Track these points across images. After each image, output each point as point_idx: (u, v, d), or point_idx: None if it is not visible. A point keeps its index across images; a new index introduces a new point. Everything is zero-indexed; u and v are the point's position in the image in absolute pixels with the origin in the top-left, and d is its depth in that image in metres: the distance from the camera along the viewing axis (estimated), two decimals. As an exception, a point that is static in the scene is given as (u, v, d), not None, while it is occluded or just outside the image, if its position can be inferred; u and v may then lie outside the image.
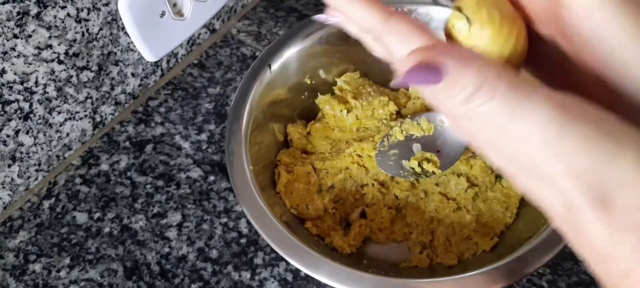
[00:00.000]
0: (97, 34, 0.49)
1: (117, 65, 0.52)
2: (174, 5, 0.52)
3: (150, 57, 0.53)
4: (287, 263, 0.46)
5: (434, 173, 0.46)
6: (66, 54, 0.47)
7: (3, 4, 0.41)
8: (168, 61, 0.58)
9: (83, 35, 0.48)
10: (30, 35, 0.44)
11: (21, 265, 0.47)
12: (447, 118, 0.22)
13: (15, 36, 0.43)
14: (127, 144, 0.54)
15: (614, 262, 0.20)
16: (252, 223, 0.41)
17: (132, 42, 0.52)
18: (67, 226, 0.50)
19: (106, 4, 0.48)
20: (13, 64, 0.44)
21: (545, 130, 0.19)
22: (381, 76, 0.54)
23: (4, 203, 0.49)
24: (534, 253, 0.39)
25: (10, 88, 0.44)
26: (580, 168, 0.19)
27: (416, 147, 0.47)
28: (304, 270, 0.40)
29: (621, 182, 0.19)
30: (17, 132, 0.47)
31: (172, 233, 0.49)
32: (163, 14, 0.51)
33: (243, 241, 0.48)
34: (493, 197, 0.47)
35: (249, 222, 0.49)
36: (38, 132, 0.48)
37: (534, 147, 0.20)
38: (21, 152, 0.48)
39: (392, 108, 0.51)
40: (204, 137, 0.55)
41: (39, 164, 0.50)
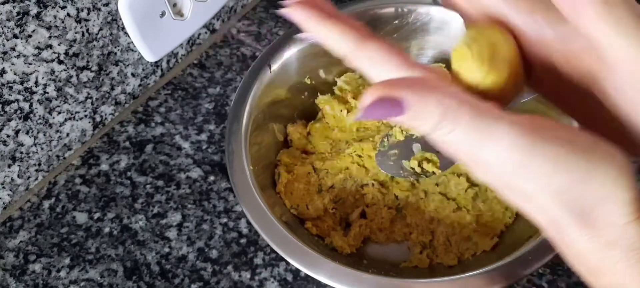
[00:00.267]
0: (97, 34, 0.49)
1: (117, 65, 0.52)
2: (174, 5, 0.52)
3: (150, 57, 0.53)
4: (287, 263, 0.45)
5: (434, 173, 0.46)
6: (66, 54, 0.47)
7: (3, 4, 0.41)
8: (168, 61, 0.58)
9: (83, 35, 0.48)
10: (30, 35, 0.44)
11: (21, 265, 0.47)
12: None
13: (15, 36, 0.43)
14: (127, 144, 0.54)
15: (602, 275, 0.21)
16: (252, 224, 0.41)
17: (132, 42, 0.52)
18: (67, 226, 0.50)
19: (106, 4, 0.48)
20: (13, 64, 0.44)
21: (514, 154, 0.19)
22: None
23: (4, 203, 0.49)
24: (534, 253, 0.39)
25: (10, 88, 0.44)
26: (556, 187, 0.19)
27: (416, 147, 0.47)
28: (304, 270, 0.40)
29: (600, 198, 0.19)
30: (17, 132, 0.47)
31: (172, 233, 0.49)
32: (163, 14, 0.51)
33: (243, 241, 0.48)
34: (493, 197, 0.47)
35: (249, 222, 0.49)
36: (38, 132, 0.48)
37: (505, 171, 0.20)
38: (21, 152, 0.48)
39: (392, 108, 0.51)
40: (204, 137, 0.55)
41: (39, 164, 0.50)
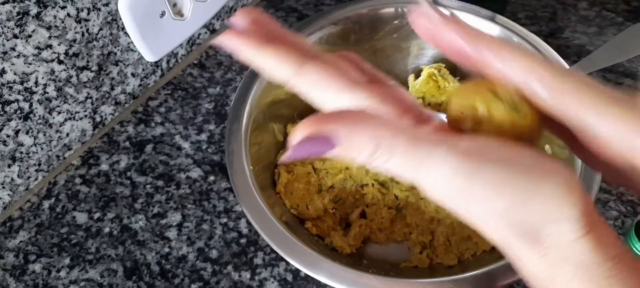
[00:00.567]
0: (97, 34, 0.49)
1: (117, 65, 0.52)
2: (174, 5, 0.52)
3: (150, 57, 0.53)
4: (287, 263, 0.45)
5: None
6: (66, 54, 0.47)
7: (3, 4, 0.41)
8: (168, 61, 0.58)
9: (83, 35, 0.48)
10: (30, 35, 0.44)
11: (21, 265, 0.47)
12: None
13: (15, 36, 0.43)
14: (127, 144, 0.54)
15: None
16: (252, 224, 0.41)
17: (132, 42, 0.52)
18: (67, 226, 0.50)
19: (106, 4, 0.48)
20: (13, 64, 0.44)
21: (456, 179, 0.19)
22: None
23: (4, 203, 0.49)
24: (534, 253, 0.39)
25: (10, 88, 0.44)
26: (500, 210, 0.19)
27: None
28: (304, 270, 0.40)
29: (547, 216, 0.19)
30: (17, 132, 0.47)
31: (172, 233, 0.49)
32: (163, 14, 0.51)
33: (243, 241, 0.48)
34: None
35: (249, 222, 0.49)
36: (38, 132, 0.48)
37: (447, 197, 0.20)
38: (21, 152, 0.48)
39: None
40: (204, 137, 0.55)
41: (39, 164, 0.50)
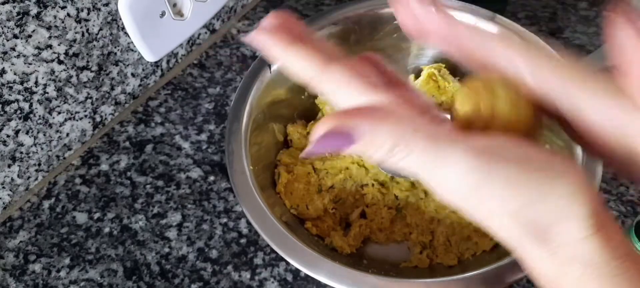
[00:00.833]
0: (97, 34, 0.49)
1: (117, 65, 0.52)
2: (174, 5, 0.52)
3: (150, 57, 0.53)
4: (287, 263, 0.45)
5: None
6: (66, 54, 0.47)
7: (3, 4, 0.41)
8: (168, 61, 0.58)
9: (83, 35, 0.48)
10: (30, 35, 0.44)
11: (21, 265, 0.47)
12: None
13: (15, 36, 0.43)
14: (127, 144, 0.54)
15: None
16: (252, 224, 0.41)
17: (132, 42, 0.52)
18: (67, 226, 0.50)
19: (106, 4, 0.48)
20: (13, 64, 0.44)
21: (469, 177, 0.19)
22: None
23: (4, 203, 0.49)
24: (534, 253, 0.39)
25: (10, 88, 0.44)
26: (511, 208, 0.20)
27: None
28: (304, 270, 0.40)
29: (556, 215, 0.19)
30: (17, 132, 0.47)
31: (172, 234, 0.49)
32: (163, 14, 0.51)
33: (243, 241, 0.48)
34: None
35: (249, 222, 0.49)
36: (38, 132, 0.48)
37: (463, 193, 0.20)
38: (21, 152, 0.48)
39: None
40: (204, 137, 0.55)
41: (39, 164, 0.50)
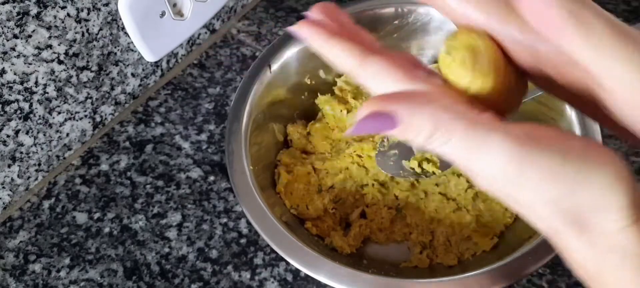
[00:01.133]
0: (97, 34, 0.49)
1: (117, 65, 0.52)
2: (174, 5, 0.52)
3: (150, 57, 0.53)
4: (287, 263, 0.45)
5: (434, 173, 0.46)
6: (66, 54, 0.47)
7: (3, 4, 0.41)
8: (168, 61, 0.58)
9: (83, 35, 0.48)
10: (30, 35, 0.44)
11: (21, 265, 0.47)
12: None
13: (15, 36, 0.43)
14: (127, 144, 0.54)
15: (602, 282, 0.21)
16: (252, 224, 0.41)
17: (132, 42, 0.52)
18: (67, 226, 0.50)
19: (106, 4, 0.48)
20: (13, 64, 0.44)
21: (508, 165, 0.19)
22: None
23: (4, 203, 0.49)
24: (534, 253, 0.39)
25: (10, 88, 0.44)
26: (550, 197, 0.20)
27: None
28: (304, 270, 0.40)
29: (596, 205, 0.19)
30: (17, 132, 0.47)
31: (172, 234, 0.49)
32: (163, 14, 0.51)
33: (243, 241, 0.48)
34: (493, 197, 0.47)
35: (249, 222, 0.49)
36: (38, 132, 0.48)
37: (499, 182, 0.20)
38: (21, 152, 0.48)
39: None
40: (204, 137, 0.55)
41: (39, 164, 0.50)
